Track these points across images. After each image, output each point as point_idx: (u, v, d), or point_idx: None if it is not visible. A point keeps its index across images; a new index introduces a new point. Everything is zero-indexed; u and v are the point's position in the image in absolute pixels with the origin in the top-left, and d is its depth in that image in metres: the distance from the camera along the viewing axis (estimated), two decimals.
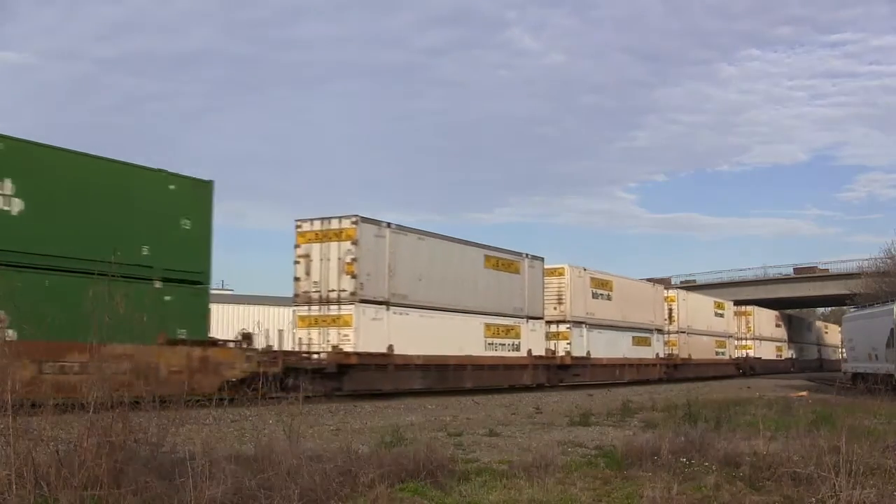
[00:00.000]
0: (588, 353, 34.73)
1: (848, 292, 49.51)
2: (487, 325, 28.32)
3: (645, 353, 40.44)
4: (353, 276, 22.75)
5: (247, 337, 19.52)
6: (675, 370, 43.17)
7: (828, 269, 67.39)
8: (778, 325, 63.58)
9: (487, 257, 28.85)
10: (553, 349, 32.98)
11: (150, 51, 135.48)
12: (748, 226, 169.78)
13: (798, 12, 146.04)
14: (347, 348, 22.26)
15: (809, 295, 69.55)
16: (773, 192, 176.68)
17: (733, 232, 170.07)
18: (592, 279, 36.04)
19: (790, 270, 70.63)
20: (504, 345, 29.23)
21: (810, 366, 69.25)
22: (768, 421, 12.10)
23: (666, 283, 57.97)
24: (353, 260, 22.84)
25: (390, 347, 23.27)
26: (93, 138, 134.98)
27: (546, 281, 32.71)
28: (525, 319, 30.58)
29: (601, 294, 36.46)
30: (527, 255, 31.20)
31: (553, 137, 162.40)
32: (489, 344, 28.28)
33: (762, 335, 58.56)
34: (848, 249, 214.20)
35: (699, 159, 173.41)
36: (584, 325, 34.73)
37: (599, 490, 7.78)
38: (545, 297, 32.62)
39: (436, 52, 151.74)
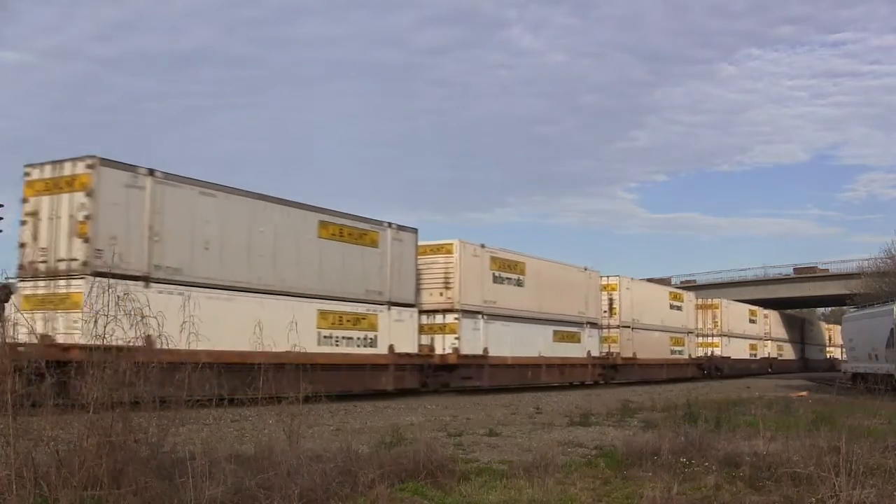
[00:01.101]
0: (485, 350, 27.59)
1: (848, 292, 49.48)
2: (323, 313, 21.35)
3: (572, 350, 33.61)
4: (86, 241, 16.70)
5: None
6: (615, 371, 37.15)
7: (828, 269, 67.41)
8: (753, 321, 56.94)
9: (324, 224, 21.88)
10: (431, 345, 26.29)
11: (150, 50, 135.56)
12: (748, 226, 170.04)
13: (799, 11, 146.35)
14: (62, 339, 15.56)
15: (809, 295, 69.57)
16: (773, 191, 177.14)
17: (733, 232, 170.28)
18: (495, 259, 28.85)
19: (790, 270, 70.67)
20: (351, 339, 22.18)
21: (791, 367, 63.82)
22: (768, 421, 12.11)
23: (666, 283, 57.86)
24: (87, 217, 16.82)
25: (149, 340, 14.14)
26: (92, 138, 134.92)
27: (427, 260, 26.55)
28: (386, 306, 23.52)
29: (508, 278, 29.44)
30: (391, 224, 24.27)
31: (553, 137, 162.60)
32: (325, 337, 21.34)
33: (732, 331, 51.84)
34: (848, 249, 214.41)
35: (699, 159, 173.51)
36: (480, 316, 27.56)
37: (599, 490, 7.78)
38: (425, 280, 26.44)
39: (435, 52, 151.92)
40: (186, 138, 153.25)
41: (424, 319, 25.99)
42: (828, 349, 77.56)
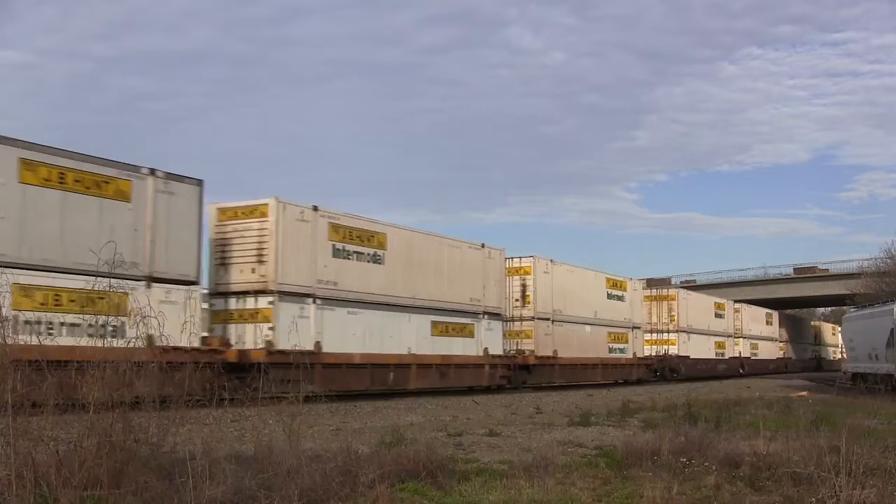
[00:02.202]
0: (318, 344, 20.86)
1: (848, 292, 49.49)
2: (26, 290, 14.94)
3: (462, 347, 26.71)
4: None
5: None
6: (526, 373, 30.19)
7: (828, 269, 67.45)
8: (720, 315, 50.43)
9: (29, 164, 15.73)
10: (224, 336, 19.98)
11: (149, 50, 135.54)
12: (748, 226, 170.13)
13: (799, 11, 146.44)
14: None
15: (809, 295, 69.62)
16: (773, 191, 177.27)
17: (734, 232, 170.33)
18: (336, 227, 22.14)
19: (790, 270, 70.70)
20: (80, 326, 14.27)
21: (766, 368, 56.99)
22: (768, 421, 12.12)
23: (666, 283, 57.73)
24: None
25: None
26: (92, 137, 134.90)
27: (237, 226, 20.67)
28: (144, 283, 17.08)
29: (359, 253, 22.83)
30: (155, 171, 17.96)
31: (553, 137, 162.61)
32: (37, 324, 14.77)
33: (692, 327, 45.06)
34: (849, 249, 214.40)
35: (700, 159, 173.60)
36: (310, 301, 21.02)
37: (599, 490, 7.78)
38: (234, 253, 20.57)
39: (435, 51, 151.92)
40: (186, 138, 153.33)
41: (233, 304, 20.40)
42: (813, 348, 75.48)
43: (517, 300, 30.84)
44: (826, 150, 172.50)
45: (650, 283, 51.19)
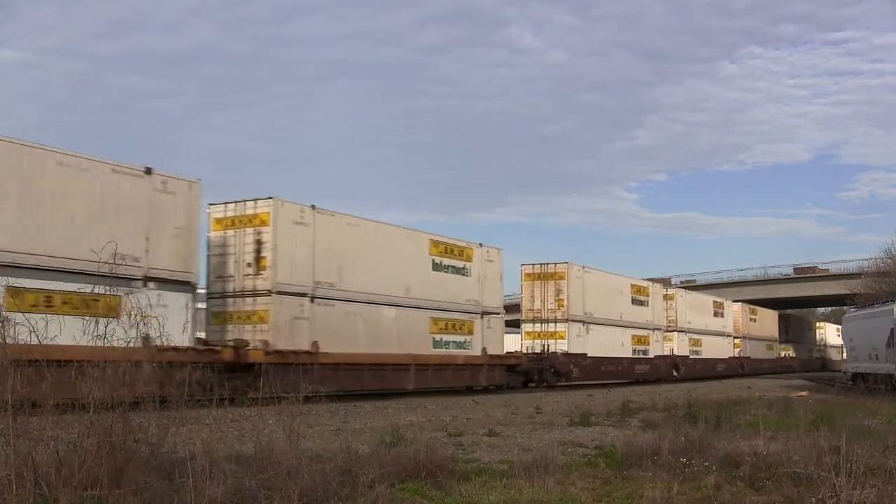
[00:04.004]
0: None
1: (848, 292, 49.49)
2: None
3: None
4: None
5: None
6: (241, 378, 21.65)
7: (828, 269, 67.43)
8: (640, 302, 39.26)
9: None
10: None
11: (149, 49, 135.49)
12: (749, 225, 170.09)
13: (800, 10, 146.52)
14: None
15: (809, 295, 69.62)
16: (774, 191, 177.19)
17: (734, 232, 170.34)
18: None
19: (790, 270, 70.68)
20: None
21: (707, 370, 46.06)
22: (768, 421, 12.12)
23: (666, 282, 57.46)
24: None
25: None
26: (91, 136, 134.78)
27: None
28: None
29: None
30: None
31: (553, 136, 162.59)
32: None
33: (592, 315, 34.64)
34: (849, 249, 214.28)
35: (700, 158, 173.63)
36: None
37: (599, 490, 7.78)
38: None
39: (436, 51, 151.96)
40: (186, 137, 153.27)
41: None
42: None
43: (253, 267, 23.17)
44: (827, 150, 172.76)
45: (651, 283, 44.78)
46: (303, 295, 21.33)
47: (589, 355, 33.81)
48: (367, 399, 21.98)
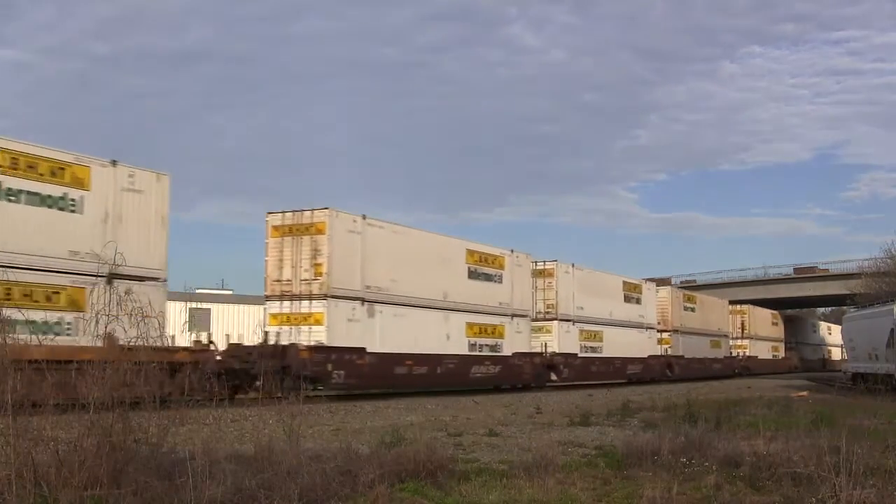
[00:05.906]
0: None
1: (848, 292, 49.48)
2: None
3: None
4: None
5: None
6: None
7: (828, 269, 67.39)
8: (487, 277, 29.00)
9: None
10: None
11: (147, 48, 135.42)
12: (749, 225, 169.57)
13: (801, 9, 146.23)
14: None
15: (809, 295, 69.58)
16: (774, 191, 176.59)
17: (734, 231, 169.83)
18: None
19: (790, 270, 70.61)
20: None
21: (609, 373, 36.13)
22: (768, 421, 12.12)
23: (666, 282, 57.50)
24: None
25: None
26: (91, 136, 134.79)
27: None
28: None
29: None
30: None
31: (554, 136, 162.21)
32: None
33: (382, 291, 23.98)
34: (850, 249, 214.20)
35: (701, 158, 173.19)
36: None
37: (599, 490, 7.78)
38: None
39: (436, 50, 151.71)
40: (185, 137, 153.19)
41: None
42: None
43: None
44: (828, 150, 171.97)
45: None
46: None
47: (369, 350, 23.15)
48: (367, 399, 22.00)
